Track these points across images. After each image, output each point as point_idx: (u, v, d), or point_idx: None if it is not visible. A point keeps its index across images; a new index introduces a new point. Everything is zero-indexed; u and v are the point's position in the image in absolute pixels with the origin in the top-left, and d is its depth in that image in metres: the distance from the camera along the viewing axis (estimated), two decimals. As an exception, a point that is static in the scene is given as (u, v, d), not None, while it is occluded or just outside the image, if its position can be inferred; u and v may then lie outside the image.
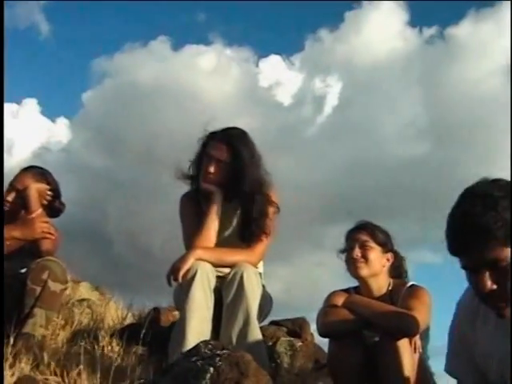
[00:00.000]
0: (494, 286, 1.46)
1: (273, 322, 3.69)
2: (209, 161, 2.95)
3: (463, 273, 1.54)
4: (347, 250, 2.69)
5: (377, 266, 2.65)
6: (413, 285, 2.62)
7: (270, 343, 3.50)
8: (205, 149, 3.00)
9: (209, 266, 2.86)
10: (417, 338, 2.46)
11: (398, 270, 2.72)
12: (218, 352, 1.98)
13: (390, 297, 2.62)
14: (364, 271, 2.63)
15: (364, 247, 2.65)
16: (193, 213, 3.06)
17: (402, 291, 2.59)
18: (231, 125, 3.06)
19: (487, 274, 1.46)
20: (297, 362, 3.39)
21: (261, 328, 3.61)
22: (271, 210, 3.00)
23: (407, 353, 2.38)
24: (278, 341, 3.46)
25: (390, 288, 2.65)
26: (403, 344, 2.38)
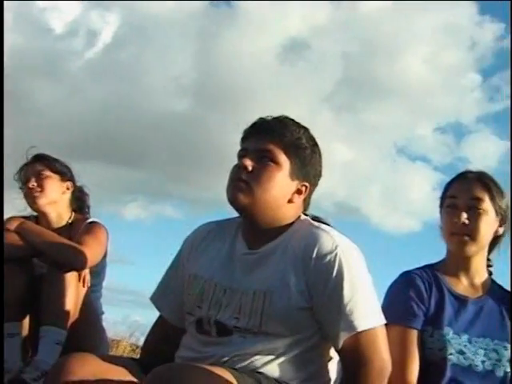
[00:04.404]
0: (250, 168, 1.58)
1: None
2: None
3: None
4: (23, 183, 2.59)
5: (54, 193, 2.59)
6: (93, 221, 2.60)
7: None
8: None
9: None
10: (86, 273, 2.46)
11: (80, 205, 2.70)
12: None
13: (68, 230, 2.59)
14: (41, 200, 2.56)
15: (39, 176, 2.57)
16: None
17: (82, 226, 2.57)
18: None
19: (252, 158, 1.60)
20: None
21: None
22: None
23: (72, 286, 2.37)
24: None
25: (70, 221, 2.63)
26: (69, 277, 2.36)
